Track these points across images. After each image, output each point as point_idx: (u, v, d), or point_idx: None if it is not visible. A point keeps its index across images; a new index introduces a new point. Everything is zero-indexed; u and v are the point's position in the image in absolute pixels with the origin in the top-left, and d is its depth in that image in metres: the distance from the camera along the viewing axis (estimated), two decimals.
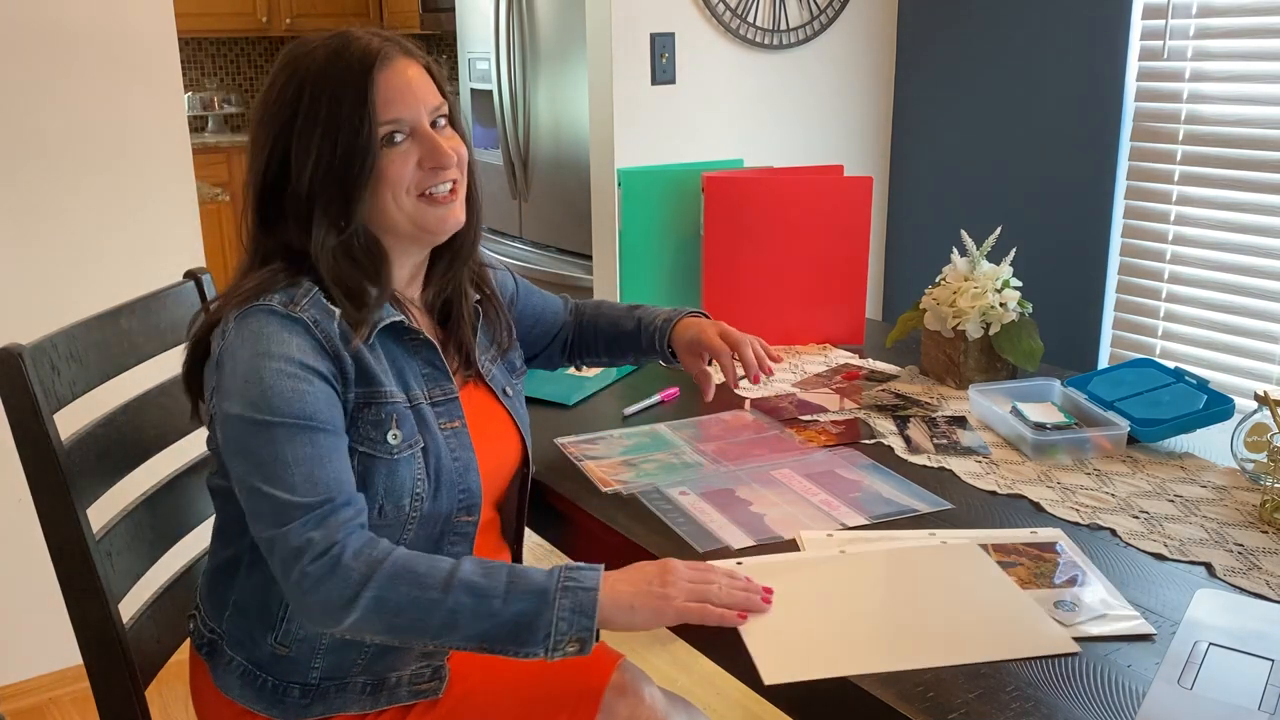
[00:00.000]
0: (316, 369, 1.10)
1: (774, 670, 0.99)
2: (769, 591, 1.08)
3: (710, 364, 1.48)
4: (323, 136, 1.12)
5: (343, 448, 1.11)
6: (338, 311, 1.14)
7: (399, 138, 1.15)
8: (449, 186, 1.19)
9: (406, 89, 1.15)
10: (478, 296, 1.32)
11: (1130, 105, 2.76)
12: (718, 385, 1.46)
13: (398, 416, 1.15)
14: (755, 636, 1.03)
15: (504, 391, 1.32)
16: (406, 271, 1.24)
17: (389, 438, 1.14)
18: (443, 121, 1.19)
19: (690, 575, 1.07)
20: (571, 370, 1.69)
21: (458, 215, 1.21)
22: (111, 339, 1.34)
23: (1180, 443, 1.48)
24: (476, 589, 1.04)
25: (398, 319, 1.18)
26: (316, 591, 1.04)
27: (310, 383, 1.09)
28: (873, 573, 1.15)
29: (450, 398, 1.22)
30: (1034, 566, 1.15)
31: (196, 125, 5.59)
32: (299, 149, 1.13)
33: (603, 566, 1.07)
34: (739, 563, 1.14)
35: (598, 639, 1.04)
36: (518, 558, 1.40)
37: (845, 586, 1.12)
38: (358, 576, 1.03)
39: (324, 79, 1.12)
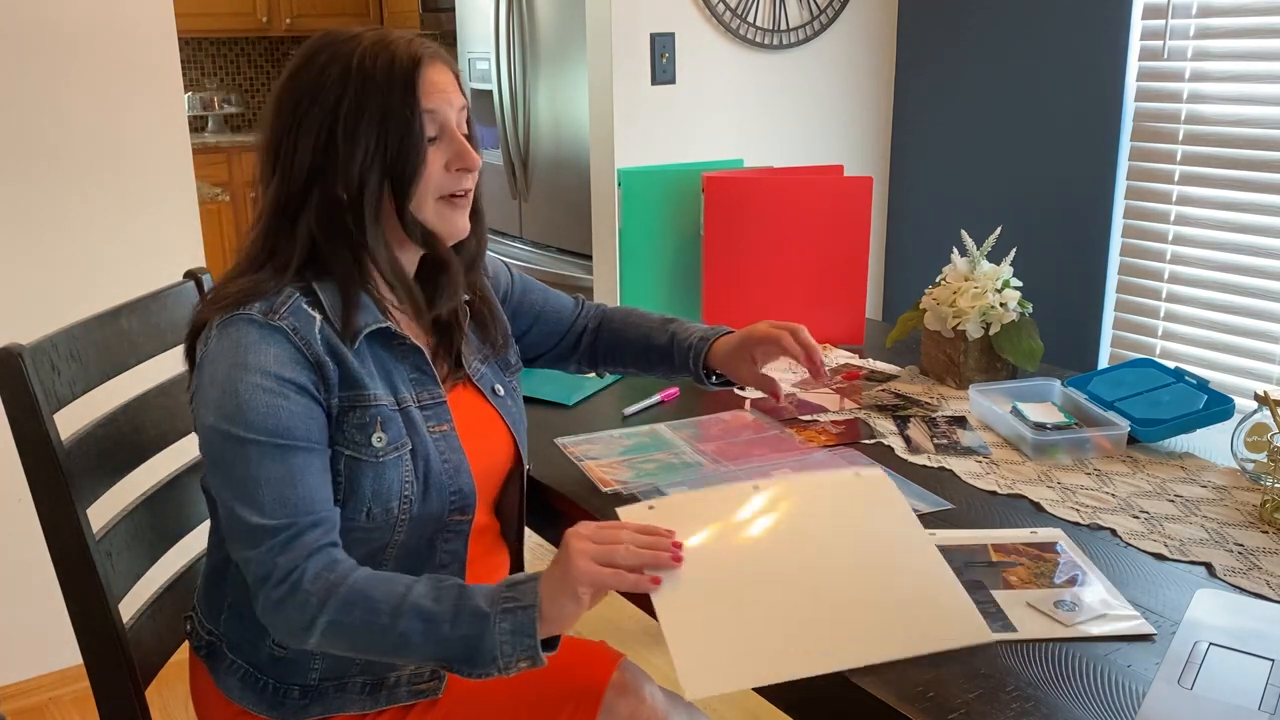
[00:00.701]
0: (295, 381, 1.09)
1: (695, 683, 0.96)
2: (678, 546, 1.04)
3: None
4: (371, 124, 1.11)
5: (318, 463, 1.10)
6: (318, 317, 1.13)
7: (434, 135, 1.15)
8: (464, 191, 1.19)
9: (447, 88, 1.16)
10: (468, 297, 1.31)
11: (1130, 105, 2.76)
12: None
13: (383, 419, 1.14)
14: (677, 641, 0.99)
15: (493, 390, 1.31)
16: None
17: (374, 440, 1.14)
18: (465, 129, 1.20)
19: (594, 536, 1.03)
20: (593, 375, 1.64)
21: (466, 223, 1.21)
22: (111, 339, 1.34)
23: (1180, 443, 1.48)
24: (425, 614, 1.03)
25: (384, 325, 1.17)
26: (278, 614, 1.06)
27: (286, 397, 1.08)
28: (786, 528, 1.11)
29: (438, 401, 1.21)
30: (1034, 566, 1.15)
31: (196, 125, 5.59)
32: (345, 133, 1.11)
33: (539, 575, 1.03)
34: (651, 507, 1.11)
35: (555, 647, 1.03)
36: (518, 557, 1.40)
37: (759, 550, 1.08)
38: (315, 601, 1.04)
39: (373, 65, 1.12)
